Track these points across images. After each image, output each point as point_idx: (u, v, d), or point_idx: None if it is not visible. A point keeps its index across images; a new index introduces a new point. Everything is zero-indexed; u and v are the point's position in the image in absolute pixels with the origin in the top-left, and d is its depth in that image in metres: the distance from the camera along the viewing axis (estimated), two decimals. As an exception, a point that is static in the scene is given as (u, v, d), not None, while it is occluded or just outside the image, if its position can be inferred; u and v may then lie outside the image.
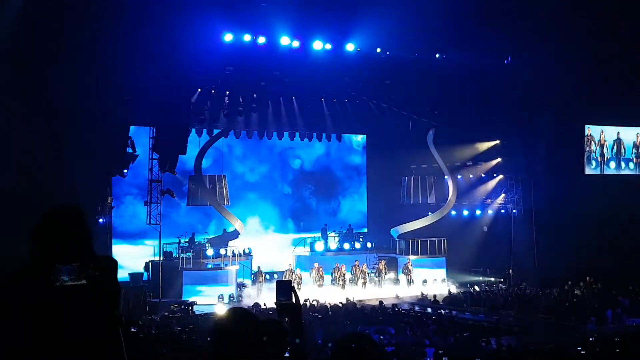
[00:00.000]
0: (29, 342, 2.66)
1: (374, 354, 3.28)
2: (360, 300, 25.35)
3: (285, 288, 3.70)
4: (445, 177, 33.03)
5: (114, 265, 2.76)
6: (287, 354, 3.92)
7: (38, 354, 2.66)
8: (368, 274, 30.02)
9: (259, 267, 28.42)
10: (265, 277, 27.81)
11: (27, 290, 2.66)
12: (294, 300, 3.69)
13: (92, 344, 2.67)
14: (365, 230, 35.43)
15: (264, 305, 22.90)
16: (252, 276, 28.77)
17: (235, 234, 30.03)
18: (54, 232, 2.87)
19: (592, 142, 31.07)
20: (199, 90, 27.26)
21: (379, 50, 25.97)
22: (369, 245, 32.61)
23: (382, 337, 17.17)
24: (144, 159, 26.06)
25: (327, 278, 29.15)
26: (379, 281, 30.03)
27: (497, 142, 31.70)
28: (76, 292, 2.59)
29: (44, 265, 2.64)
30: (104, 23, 20.42)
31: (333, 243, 31.99)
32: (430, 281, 30.15)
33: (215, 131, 30.53)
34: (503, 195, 32.29)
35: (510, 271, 30.28)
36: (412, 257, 30.73)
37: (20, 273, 2.75)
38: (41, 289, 2.62)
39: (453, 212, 32.89)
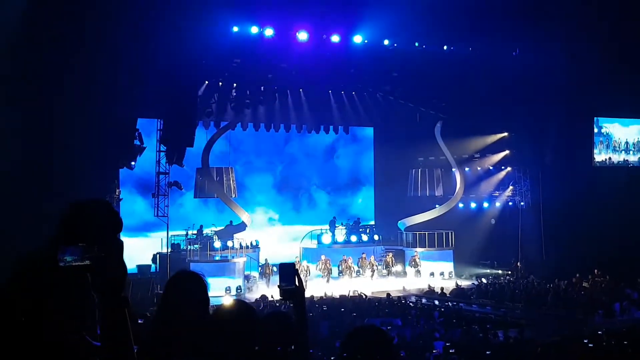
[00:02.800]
0: (34, 325, 2.68)
1: (385, 347, 3.27)
2: (373, 293, 25.37)
3: (288, 272, 3.67)
4: (453, 169, 32.95)
5: (120, 246, 2.76)
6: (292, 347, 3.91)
7: (43, 335, 2.68)
8: (376, 266, 30.04)
9: (266, 260, 28.45)
10: (272, 270, 27.83)
11: (36, 272, 2.67)
12: (297, 284, 3.66)
13: (98, 325, 2.68)
14: (373, 222, 35.42)
15: (271, 297, 22.95)
16: (260, 268, 28.82)
17: (242, 226, 30.08)
18: (83, 221, 2.92)
19: (601, 134, 30.94)
20: (206, 82, 27.27)
21: (386, 42, 25.87)
22: (376, 237, 32.61)
23: (389, 327, 17.20)
24: (152, 151, 26.08)
25: (334, 270, 29.15)
26: (388, 273, 30.04)
27: (505, 134, 31.60)
28: (82, 272, 2.60)
29: (53, 248, 2.64)
30: (112, 15, 20.39)
31: (340, 235, 32.00)
32: (438, 274, 30.13)
33: (223, 123, 30.55)
34: (511, 187, 32.22)
35: (519, 264, 30.20)
36: (419, 250, 30.71)
37: (30, 256, 2.75)
38: (49, 271, 2.63)
39: (460, 205, 32.83)
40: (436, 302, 23.79)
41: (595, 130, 30.77)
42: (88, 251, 2.57)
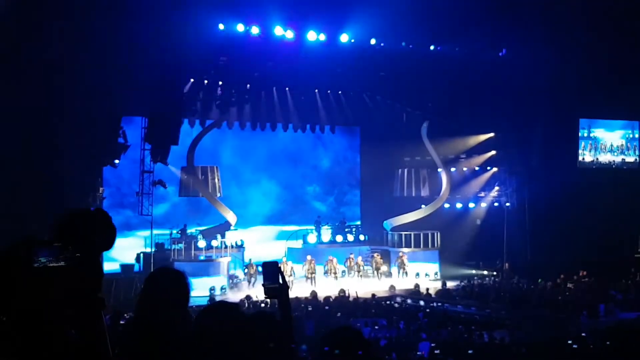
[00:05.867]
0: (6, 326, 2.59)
1: (361, 348, 3.24)
2: (360, 293, 25.27)
3: (271, 270, 3.69)
4: (439, 169, 32.97)
5: (95, 244, 2.67)
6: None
7: (15, 337, 2.59)
8: (362, 266, 29.98)
9: (250, 260, 28.26)
10: (257, 269, 27.60)
11: (8, 272, 2.57)
12: (280, 282, 3.66)
13: (72, 327, 2.60)
14: (359, 222, 35.37)
15: (256, 297, 22.84)
16: (245, 268, 28.68)
17: (227, 226, 29.91)
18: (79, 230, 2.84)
19: (586, 134, 31.13)
20: (192, 80, 27.07)
21: (373, 41, 25.82)
22: (362, 237, 32.55)
23: (376, 327, 17.17)
24: (136, 150, 25.87)
25: (319, 271, 29.03)
26: (375, 274, 29.97)
27: (492, 135, 31.65)
28: (56, 273, 2.52)
29: (25, 248, 2.55)
30: (96, 12, 20.22)
31: (326, 235, 31.90)
32: (423, 274, 30.11)
33: (208, 122, 30.36)
34: (497, 188, 32.27)
35: (507, 265, 30.23)
36: (405, 250, 30.66)
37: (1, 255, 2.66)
38: (21, 270, 2.54)
39: (446, 205, 32.84)
40: (421, 303, 23.77)
41: (586, 133, 30.95)
42: (63, 251, 2.49)
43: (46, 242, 2.56)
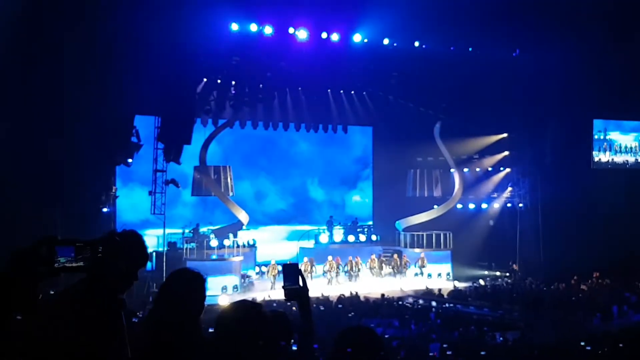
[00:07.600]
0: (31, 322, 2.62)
1: (375, 348, 3.24)
2: (369, 293, 25.27)
3: (292, 272, 3.70)
4: (452, 170, 32.85)
5: (117, 247, 2.70)
6: (294, 347, 3.90)
7: (29, 335, 2.61)
8: (361, 265, 30.05)
9: (272, 261, 27.94)
10: (279, 270, 27.19)
11: (29, 271, 2.60)
12: (301, 284, 3.67)
13: (94, 327, 2.63)
14: (371, 222, 35.32)
15: (268, 297, 22.86)
16: (258, 268, 28.67)
17: (239, 225, 29.96)
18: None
19: (600, 135, 30.94)
20: (205, 80, 27.16)
21: (386, 41, 25.79)
22: (374, 237, 32.51)
23: (387, 329, 17.12)
24: (149, 149, 25.99)
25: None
26: (395, 273, 29.97)
27: (505, 135, 31.50)
28: (75, 273, 2.56)
29: (47, 247, 2.59)
30: (111, 11, 20.31)
31: (338, 235, 31.89)
32: (435, 275, 30.03)
33: (221, 121, 30.43)
34: (510, 188, 32.12)
35: (515, 266, 30.08)
36: (417, 250, 30.60)
37: (23, 253, 2.69)
38: (42, 269, 2.57)
39: (459, 206, 32.71)
40: (434, 303, 23.69)
41: (602, 136, 30.76)
42: (82, 252, 2.52)
43: (67, 241, 2.58)
